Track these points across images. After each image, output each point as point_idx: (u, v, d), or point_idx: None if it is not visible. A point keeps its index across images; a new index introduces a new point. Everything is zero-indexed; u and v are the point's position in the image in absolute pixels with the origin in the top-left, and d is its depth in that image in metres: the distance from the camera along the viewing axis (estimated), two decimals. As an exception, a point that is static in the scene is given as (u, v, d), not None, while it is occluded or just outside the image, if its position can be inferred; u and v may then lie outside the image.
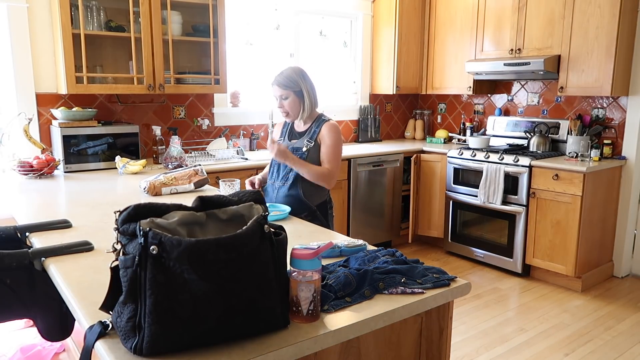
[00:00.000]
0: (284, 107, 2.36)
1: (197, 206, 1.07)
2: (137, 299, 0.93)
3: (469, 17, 4.41)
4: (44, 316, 1.57)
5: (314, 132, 2.39)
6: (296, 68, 2.38)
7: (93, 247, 1.54)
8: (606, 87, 3.57)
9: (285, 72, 2.35)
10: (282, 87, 2.32)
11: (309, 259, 1.06)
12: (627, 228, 3.88)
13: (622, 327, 3.11)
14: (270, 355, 0.97)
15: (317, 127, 2.39)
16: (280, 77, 2.34)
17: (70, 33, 2.98)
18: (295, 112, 2.37)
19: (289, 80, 2.32)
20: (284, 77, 2.33)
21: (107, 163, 3.14)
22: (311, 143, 2.37)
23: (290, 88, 2.32)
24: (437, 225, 4.48)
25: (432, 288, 1.29)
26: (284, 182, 2.39)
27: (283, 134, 2.52)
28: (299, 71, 2.36)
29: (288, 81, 2.32)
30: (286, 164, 2.33)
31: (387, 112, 5.16)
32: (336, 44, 4.75)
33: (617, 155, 3.86)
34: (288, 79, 2.32)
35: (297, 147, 2.39)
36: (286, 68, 2.37)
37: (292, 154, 2.32)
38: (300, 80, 2.33)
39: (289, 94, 2.33)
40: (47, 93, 3.25)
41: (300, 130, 2.46)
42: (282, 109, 2.37)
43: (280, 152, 2.29)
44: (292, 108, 2.35)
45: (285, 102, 2.34)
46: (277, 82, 2.33)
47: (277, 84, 2.33)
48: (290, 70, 2.35)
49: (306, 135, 2.41)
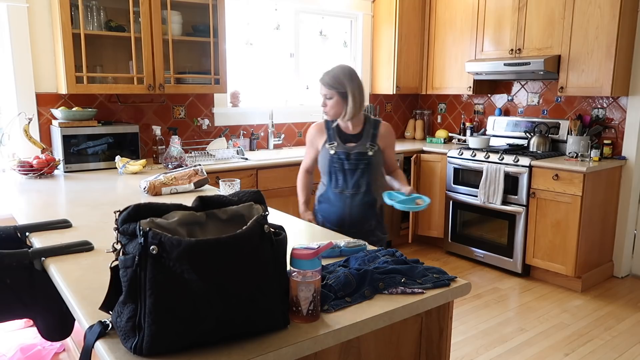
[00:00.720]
0: (326, 106, 2.29)
1: (197, 206, 1.07)
2: (137, 299, 0.93)
3: (469, 17, 4.41)
4: (44, 316, 1.57)
5: (373, 134, 2.30)
6: (345, 68, 2.26)
7: (93, 247, 1.54)
8: (606, 87, 3.57)
9: (333, 71, 2.25)
10: (327, 87, 2.24)
11: (309, 259, 1.06)
12: (627, 228, 3.88)
13: (622, 327, 3.11)
14: (270, 355, 0.97)
15: (374, 128, 2.31)
16: (327, 75, 2.25)
17: (70, 33, 2.98)
18: (337, 113, 2.28)
19: (335, 81, 2.22)
20: (331, 76, 2.24)
21: (107, 163, 3.14)
22: (375, 147, 2.29)
23: (335, 88, 2.23)
24: (437, 225, 4.48)
25: (432, 288, 1.29)
26: (357, 190, 2.29)
27: (331, 137, 2.35)
28: (347, 71, 2.25)
29: (334, 81, 2.22)
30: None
31: (387, 112, 5.16)
32: (336, 44, 4.75)
33: (617, 156, 3.86)
34: (335, 78, 2.23)
35: (361, 151, 2.28)
36: (336, 66, 2.27)
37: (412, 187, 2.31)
38: (348, 81, 2.22)
39: (334, 94, 2.24)
40: (47, 93, 3.25)
41: (353, 132, 2.34)
42: (325, 107, 2.31)
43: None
44: (334, 109, 2.26)
45: (329, 102, 2.26)
46: (323, 80, 2.25)
47: (322, 82, 2.26)
48: (339, 69, 2.25)
49: (365, 138, 2.31)
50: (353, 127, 2.33)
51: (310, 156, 2.47)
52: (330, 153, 2.31)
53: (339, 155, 2.30)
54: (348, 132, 2.34)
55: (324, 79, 2.25)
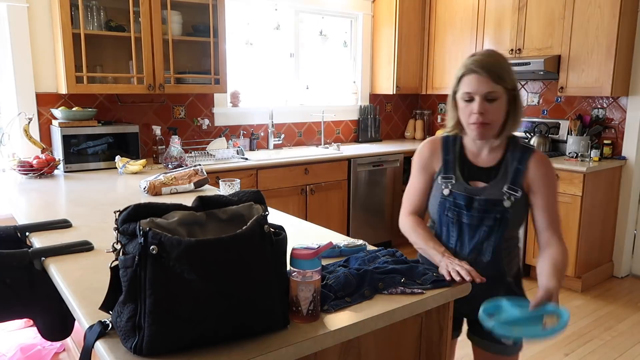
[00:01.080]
0: (486, 113, 1.43)
1: (197, 206, 1.07)
2: (137, 299, 0.93)
3: (469, 17, 4.41)
4: (44, 316, 1.57)
5: (517, 170, 1.49)
6: (501, 53, 1.51)
7: (93, 247, 1.54)
8: (606, 87, 3.57)
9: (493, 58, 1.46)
10: (494, 80, 1.42)
11: (308, 259, 1.06)
12: (627, 228, 3.88)
13: (622, 327, 3.11)
14: (270, 355, 0.97)
15: (518, 161, 1.50)
16: (488, 62, 1.43)
17: (70, 33, 2.98)
18: (498, 124, 1.47)
19: (504, 71, 1.44)
20: (496, 64, 1.44)
21: (107, 163, 3.14)
22: (517, 193, 1.48)
23: (503, 84, 1.44)
24: (437, 225, 4.48)
25: (431, 288, 1.29)
26: (477, 255, 1.52)
27: (449, 166, 1.56)
28: (506, 58, 1.50)
29: (502, 71, 1.44)
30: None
31: (387, 112, 5.16)
32: (336, 44, 4.75)
33: (617, 156, 3.86)
34: (502, 68, 1.44)
35: (491, 198, 1.49)
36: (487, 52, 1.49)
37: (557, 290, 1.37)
38: (513, 74, 1.48)
39: (500, 94, 1.44)
40: (47, 93, 3.25)
41: (486, 164, 1.54)
42: (480, 116, 1.43)
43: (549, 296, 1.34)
44: (496, 117, 1.45)
45: (491, 106, 1.44)
46: (487, 69, 1.42)
47: (486, 71, 1.42)
48: (499, 56, 1.48)
49: (503, 177, 1.50)
50: (489, 152, 1.54)
51: (420, 188, 1.62)
52: (443, 194, 1.55)
53: (456, 200, 1.52)
54: (478, 161, 1.55)
55: (486, 66, 1.42)
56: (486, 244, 1.51)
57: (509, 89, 1.45)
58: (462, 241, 1.54)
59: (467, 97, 1.45)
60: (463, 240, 1.53)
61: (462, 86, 1.47)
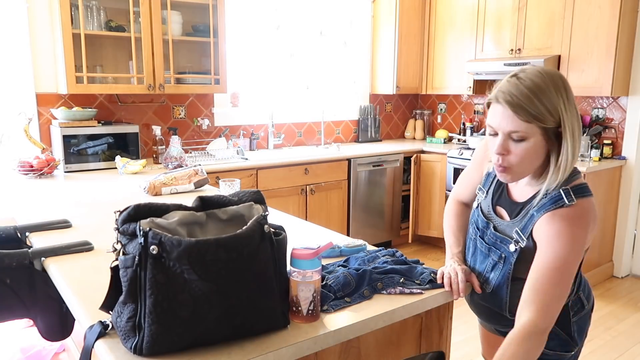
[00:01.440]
0: (508, 154, 1.17)
1: (197, 206, 1.07)
2: (137, 299, 0.93)
3: (469, 17, 4.41)
4: (44, 316, 1.57)
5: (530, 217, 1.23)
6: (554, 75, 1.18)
7: (93, 247, 1.54)
8: (606, 87, 3.57)
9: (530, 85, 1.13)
10: (523, 118, 1.12)
11: (309, 259, 1.06)
12: (627, 228, 3.88)
13: (622, 327, 3.11)
14: (270, 355, 0.97)
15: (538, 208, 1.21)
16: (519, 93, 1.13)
17: (70, 33, 2.98)
18: (526, 169, 1.20)
19: (542, 104, 1.12)
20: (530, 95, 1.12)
21: (107, 163, 3.14)
22: (522, 242, 1.23)
23: (537, 122, 1.12)
24: (437, 225, 4.48)
25: (430, 289, 1.29)
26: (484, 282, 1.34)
27: (489, 179, 1.37)
28: (558, 82, 1.17)
29: (539, 105, 1.12)
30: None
31: (387, 112, 5.16)
32: (336, 43, 4.75)
33: (617, 156, 3.86)
34: (539, 100, 1.12)
35: (500, 235, 1.29)
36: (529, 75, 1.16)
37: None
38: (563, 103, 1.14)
39: (531, 134, 1.14)
40: (47, 93, 3.25)
41: (515, 198, 1.31)
42: (500, 158, 1.18)
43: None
44: (523, 161, 1.17)
45: (517, 147, 1.16)
46: (514, 103, 1.13)
47: (512, 106, 1.13)
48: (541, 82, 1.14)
49: (521, 218, 1.26)
50: (525, 185, 1.29)
51: (470, 179, 1.46)
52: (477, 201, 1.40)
53: (477, 216, 1.37)
54: (512, 191, 1.32)
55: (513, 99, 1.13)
56: (491, 276, 1.32)
57: (547, 127, 1.12)
58: (475, 260, 1.38)
59: (491, 131, 1.19)
60: (475, 260, 1.38)
61: (488, 114, 1.21)
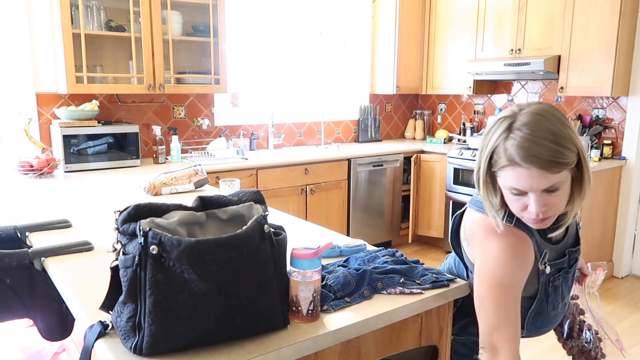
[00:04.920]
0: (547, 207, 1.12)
1: (197, 206, 1.07)
2: (137, 299, 0.93)
3: (469, 17, 4.41)
4: (44, 316, 1.57)
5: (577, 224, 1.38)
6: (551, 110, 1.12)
7: (93, 247, 1.54)
8: (606, 87, 3.57)
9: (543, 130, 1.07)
10: (554, 170, 1.06)
11: (309, 259, 1.06)
12: (627, 228, 3.88)
13: (622, 327, 3.11)
14: (270, 355, 0.97)
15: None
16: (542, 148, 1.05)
17: (70, 33, 2.98)
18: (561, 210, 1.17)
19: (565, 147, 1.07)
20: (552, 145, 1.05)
21: (107, 163, 3.14)
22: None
23: (567, 165, 1.08)
24: (437, 225, 4.48)
25: (430, 289, 1.29)
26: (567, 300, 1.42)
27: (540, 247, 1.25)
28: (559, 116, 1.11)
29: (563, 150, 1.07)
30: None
31: (387, 112, 5.16)
32: (336, 43, 4.75)
33: (617, 156, 3.86)
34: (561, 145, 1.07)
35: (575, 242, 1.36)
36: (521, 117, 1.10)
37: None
38: (573, 134, 1.10)
39: (563, 180, 1.10)
40: (47, 93, 3.25)
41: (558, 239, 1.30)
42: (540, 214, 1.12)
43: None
44: (560, 206, 1.15)
45: (552, 197, 1.11)
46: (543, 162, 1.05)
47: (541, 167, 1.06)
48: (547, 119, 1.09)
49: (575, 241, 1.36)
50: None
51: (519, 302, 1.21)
52: (546, 273, 1.27)
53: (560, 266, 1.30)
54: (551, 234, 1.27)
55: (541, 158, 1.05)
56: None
57: (573, 165, 1.10)
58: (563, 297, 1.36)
59: (517, 192, 1.12)
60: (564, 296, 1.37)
61: (505, 177, 1.12)
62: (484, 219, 1.24)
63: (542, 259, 1.24)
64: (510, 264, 1.16)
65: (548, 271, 1.27)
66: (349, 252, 1.53)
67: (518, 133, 1.08)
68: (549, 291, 1.30)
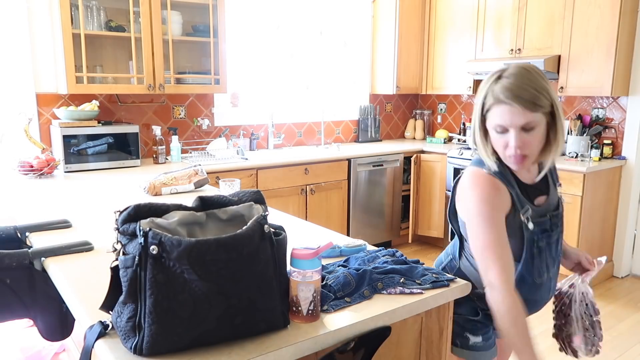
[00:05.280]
0: (524, 145, 1.29)
1: (197, 206, 1.07)
2: (137, 299, 0.93)
3: (469, 17, 4.41)
4: (44, 316, 1.57)
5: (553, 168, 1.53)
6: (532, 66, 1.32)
7: (93, 247, 1.54)
8: (606, 87, 3.57)
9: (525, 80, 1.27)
10: (530, 109, 1.26)
11: (309, 259, 1.06)
12: (627, 228, 3.88)
13: (622, 327, 3.11)
14: (270, 355, 0.97)
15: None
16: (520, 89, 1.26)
17: (70, 33, 2.98)
18: (536, 152, 1.33)
19: (540, 94, 1.27)
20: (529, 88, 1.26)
21: (107, 163, 3.14)
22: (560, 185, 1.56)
23: (541, 109, 1.27)
24: (437, 225, 4.48)
25: (430, 289, 1.29)
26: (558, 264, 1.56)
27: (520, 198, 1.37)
28: (538, 71, 1.31)
29: (539, 95, 1.26)
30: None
31: (387, 112, 5.16)
32: (336, 43, 4.75)
33: (617, 156, 3.86)
34: (537, 90, 1.26)
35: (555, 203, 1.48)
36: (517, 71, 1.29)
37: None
38: (549, 87, 1.30)
39: (538, 121, 1.28)
40: (47, 93, 3.25)
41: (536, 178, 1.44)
42: (518, 149, 1.29)
43: None
44: (536, 145, 1.31)
45: (529, 136, 1.29)
46: (521, 99, 1.25)
47: (520, 102, 1.25)
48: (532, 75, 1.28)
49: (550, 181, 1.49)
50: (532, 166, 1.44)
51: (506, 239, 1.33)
52: (529, 229, 1.38)
53: (543, 227, 1.41)
54: (529, 179, 1.43)
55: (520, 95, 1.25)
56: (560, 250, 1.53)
57: (547, 111, 1.28)
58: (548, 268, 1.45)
59: (500, 130, 1.30)
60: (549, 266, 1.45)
61: (492, 116, 1.31)
62: (471, 169, 1.41)
63: (525, 212, 1.37)
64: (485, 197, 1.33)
65: (531, 227, 1.38)
66: (349, 252, 1.53)
67: (505, 80, 1.29)
68: (533, 252, 1.40)
